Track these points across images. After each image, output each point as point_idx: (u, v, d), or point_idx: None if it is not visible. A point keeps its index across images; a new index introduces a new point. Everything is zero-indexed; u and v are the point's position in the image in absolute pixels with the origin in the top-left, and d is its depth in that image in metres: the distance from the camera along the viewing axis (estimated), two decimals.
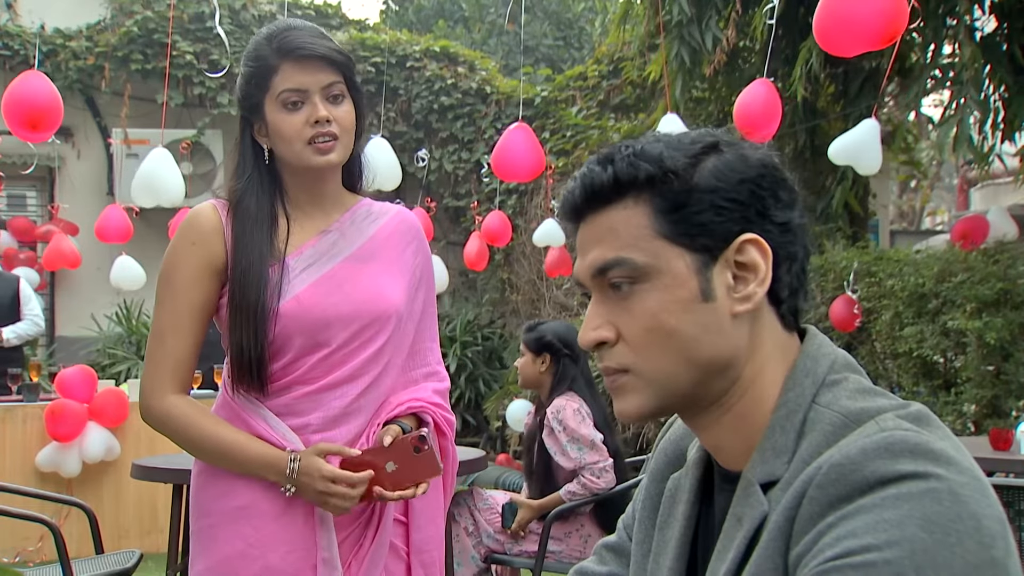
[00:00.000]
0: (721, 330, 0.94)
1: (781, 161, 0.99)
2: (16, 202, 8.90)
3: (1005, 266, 5.28)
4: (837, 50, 3.41)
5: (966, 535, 0.77)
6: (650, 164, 0.94)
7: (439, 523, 1.94)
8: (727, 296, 0.94)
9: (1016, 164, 7.25)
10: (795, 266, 0.96)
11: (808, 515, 0.83)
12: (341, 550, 1.83)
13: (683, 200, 0.93)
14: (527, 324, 3.84)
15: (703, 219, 0.93)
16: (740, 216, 0.93)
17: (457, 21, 12.96)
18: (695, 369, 0.94)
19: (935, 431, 0.86)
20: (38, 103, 3.63)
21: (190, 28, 8.56)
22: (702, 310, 0.93)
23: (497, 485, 6.20)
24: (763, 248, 0.93)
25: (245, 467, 1.80)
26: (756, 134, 3.94)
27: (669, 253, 0.93)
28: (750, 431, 0.95)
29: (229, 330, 1.81)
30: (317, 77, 1.81)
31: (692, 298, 0.93)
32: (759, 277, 0.93)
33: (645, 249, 0.94)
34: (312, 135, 1.80)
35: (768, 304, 0.96)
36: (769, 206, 0.94)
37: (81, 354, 7.83)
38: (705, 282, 0.93)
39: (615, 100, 8.68)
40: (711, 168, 0.94)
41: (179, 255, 1.85)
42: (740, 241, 0.93)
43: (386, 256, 1.91)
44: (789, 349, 0.97)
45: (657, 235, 0.94)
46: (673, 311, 0.93)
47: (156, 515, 5.35)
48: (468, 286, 9.11)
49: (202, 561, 1.84)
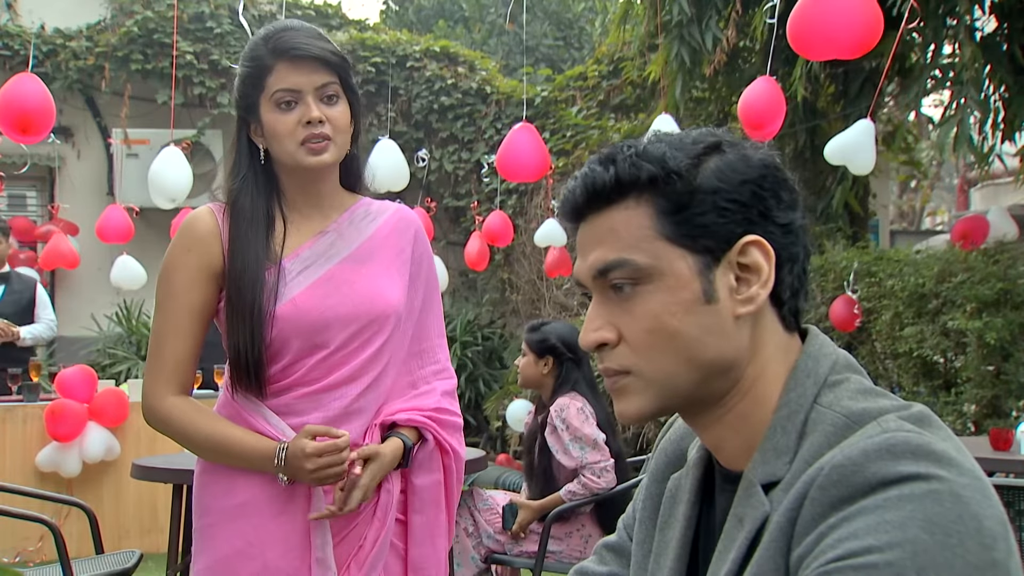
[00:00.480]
0: (723, 332, 0.93)
1: (781, 161, 0.99)
2: (16, 202, 8.90)
3: (1005, 266, 5.28)
4: (810, 54, 3.45)
5: (967, 536, 0.77)
6: (652, 164, 0.93)
7: (438, 544, 1.94)
8: (730, 298, 0.93)
9: (1016, 164, 7.24)
10: (796, 267, 0.96)
11: (810, 516, 0.83)
12: (339, 550, 1.83)
13: (685, 201, 0.93)
14: (530, 324, 3.83)
15: (706, 220, 0.93)
16: (743, 217, 0.93)
17: (457, 21, 12.96)
18: (697, 371, 0.94)
19: (937, 432, 0.86)
20: (29, 106, 3.63)
21: (190, 28, 8.57)
22: (704, 312, 0.93)
23: (497, 485, 6.20)
24: (766, 250, 0.93)
25: (244, 460, 1.81)
26: (760, 131, 3.94)
27: (671, 254, 0.93)
28: (751, 431, 0.95)
29: (227, 333, 1.82)
30: (311, 78, 1.81)
31: (694, 300, 0.93)
32: (762, 279, 0.93)
33: (647, 250, 0.93)
34: (305, 136, 1.80)
35: (770, 305, 0.96)
36: (771, 207, 0.94)
37: (81, 354, 7.83)
38: (708, 284, 0.93)
39: (615, 100, 8.68)
40: (713, 168, 0.94)
41: (176, 259, 1.86)
42: (743, 243, 0.93)
43: (384, 256, 1.91)
44: (790, 350, 0.97)
45: (659, 236, 0.93)
46: (675, 313, 0.93)
47: (156, 515, 5.35)
48: (468, 286, 9.11)
49: (202, 560, 1.85)
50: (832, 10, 3.22)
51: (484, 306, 9.01)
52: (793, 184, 0.97)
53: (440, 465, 1.94)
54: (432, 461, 1.93)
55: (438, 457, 1.93)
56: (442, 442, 1.92)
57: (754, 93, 4.03)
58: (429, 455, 1.92)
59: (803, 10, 3.29)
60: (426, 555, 1.91)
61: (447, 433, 1.93)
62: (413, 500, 1.92)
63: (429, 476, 1.92)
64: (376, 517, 1.86)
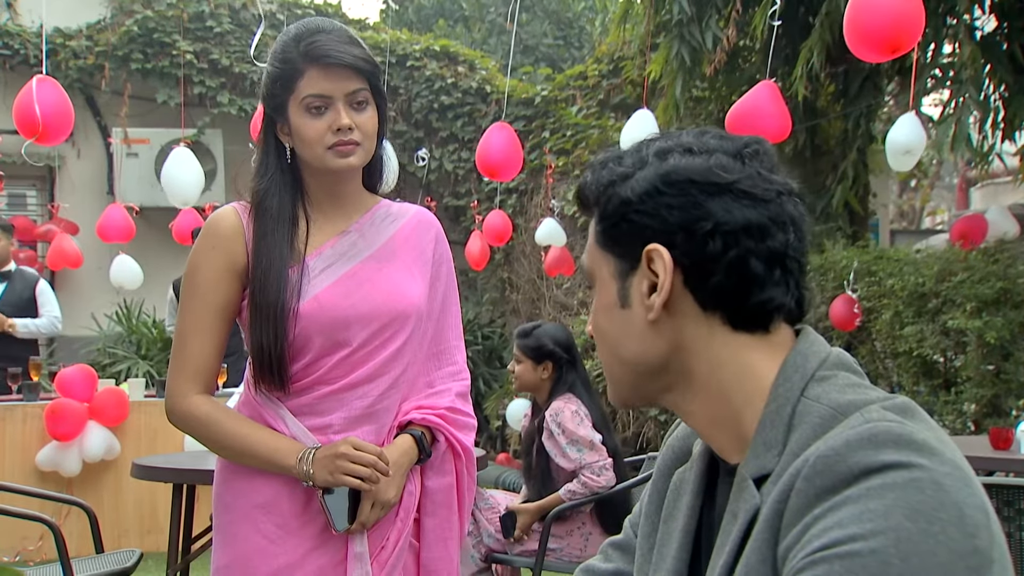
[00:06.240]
0: (637, 335, 0.99)
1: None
2: (16, 201, 8.89)
3: (1005, 265, 5.28)
4: (869, 55, 3.41)
5: (950, 524, 0.78)
6: (598, 179, 1.02)
7: (450, 547, 1.94)
8: (640, 303, 0.98)
9: (1016, 163, 7.25)
10: (732, 269, 0.95)
11: (796, 507, 0.85)
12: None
13: (609, 212, 1.00)
14: (520, 330, 3.83)
15: (620, 230, 0.99)
16: (658, 228, 0.96)
17: (457, 20, 12.97)
18: (626, 367, 1.02)
19: (919, 422, 0.88)
20: (50, 112, 3.59)
21: (190, 27, 8.56)
22: (620, 315, 1.01)
23: (497, 484, 6.21)
24: (663, 258, 0.95)
25: (266, 462, 1.81)
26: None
27: (600, 260, 1.02)
28: (731, 426, 0.97)
29: (250, 330, 1.83)
30: (342, 84, 1.80)
31: (612, 303, 1.01)
32: (659, 287, 0.96)
33: (591, 254, 1.04)
34: (334, 142, 1.81)
35: (699, 306, 0.96)
36: (693, 217, 0.95)
37: (81, 353, 7.83)
38: (624, 289, 1.00)
39: (615, 99, 8.68)
40: (634, 182, 0.98)
41: (200, 258, 1.86)
42: (645, 251, 0.97)
43: (406, 256, 1.92)
44: (765, 346, 0.97)
45: (595, 243, 1.03)
46: (601, 314, 1.03)
47: (156, 514, 5.35)
48: (468, 285, 9.11)
49: (223, 557, 1.86)
50: (884, 8, 3.19)
51: (484, 305, 9.02)
52: (748, 186, 0.96)
53: (452, 468, 1.94)
54: (444, 464, 1.93)
55: (450, 459, 1.94)
56: (454, 444, 1.92)
57: (752, 100, 3.94)
58: (441, 457, 1.93)
59: (857, 11, 3.24)
60: (438, 558, 1.92)
61: (460, 433, 1.93)
62: (425, 503, 1.92)
63: (441, 479, 1.93)
64: (399, 518, 1.87)
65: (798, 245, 0.97)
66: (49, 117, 3.58)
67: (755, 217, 0.95)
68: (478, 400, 8.11)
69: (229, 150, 8.38)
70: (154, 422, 5.40)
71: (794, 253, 0.97)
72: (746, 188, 0.96)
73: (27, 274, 6.24)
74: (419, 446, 1.88)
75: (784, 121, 3.83)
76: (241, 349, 1.94)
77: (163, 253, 7.62)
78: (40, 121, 3.53)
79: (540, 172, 7.99)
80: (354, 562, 1.82)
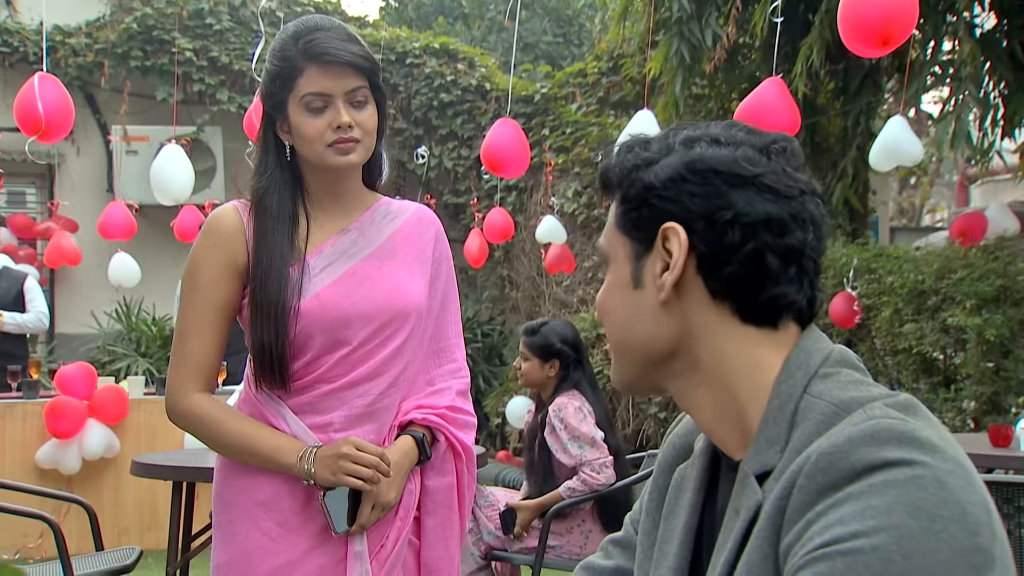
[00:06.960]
0: (649, 316, 1.00)
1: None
2: (16, 199, 8.89)
3: (1005, 263, 5.28)
4: (864, 51, 3.39)
5: (951, 521, 0.78)
6: (623, 163, 1.02)
7: (450, 546, 1.94)
8: (653, 284, 0.99)
9: (1016, 161, 7.25)
10: (744, 261, 0.95)
11: (798, 504, 0.84)
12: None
13: (629, 195, 1.01)
14: (527, 327, 3.82)
15: (640, 213, 1.00)
16: (676, 214, 0.97)
17: (457, 18, 12.96)
18: (632, 350, 1.02)
19: (921, 420, 0.87)
20: (52, 109, 3.59)
21: (189, 25, 8.55)
22: (632, 295, 1.01)
23: (497, 482, 6.21)
24: (679, 236, 0.96)
25: (267, 460, 1.81)
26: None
27: (618, 241, 1.03)
28: (735, 420, 0.97)
29: (251, 328, 1.83)
30: (342, 82, 1.80)
31: (626, 284, 1.02)
32: (671, 266, 0.97)
33: (609, 236, 1.05)
34: (334, 139, 1.80)
35: (710, 295, 0.97)
36: (715, 206, 0.95)
37: (81, 351, 7.83)
38: (637, 270, 1.01)
39: (615, 97, 8.68)
40: (658, 167, 0.99)
41: (201, 256, 1.86)
42: (662, 230, 0.97)
43: (405, 254, 1.92)
44: (770, 342, 0.97)
45: (614, 224, 1.04)
46: (612, 294, 1.04)
47: (156, 512, 5.36)
48: (468, 283, 9.11)
49: (223, 554, 1.86)
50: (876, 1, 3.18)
51: (484, 303, 9.01)
52: (772, 181, 0.96)
53: (452, 467, 1.94)
54: (444, 463, 1.93)
55: (450, 459, 1.94)
56: (454, 443, 1.92)
57: (758, 96, 3.93)
58: (442, 457, 1.93)
59: (849, 4, 3.23)
60: (438, 557, 1.92)
61: (461, 433, 1.93)
62: (426, 502, 1.92)
63: (441, 479, 1.93)
64: (399, 517, 1.87)
65: (816, 245, 0.97)
66: (51, 114, 3.58)
67: (776, 212, 0.95)
68: (478, 397, 8.11)
69: (228, 148, 8.37)
70: (154, 420, 5.40)
71: (811, 252, 0.97)
72: (770, 183, 0.96)
73: (14, 272, 6.23)
74: (420, 447, 1.88)
75: (793, 117, 3.82)
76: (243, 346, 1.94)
77: (162, 251, 7.62)
78: (43, 118, 3.53)
79: (540, 170, 7.98)
80: (354, 561, 1.82)
